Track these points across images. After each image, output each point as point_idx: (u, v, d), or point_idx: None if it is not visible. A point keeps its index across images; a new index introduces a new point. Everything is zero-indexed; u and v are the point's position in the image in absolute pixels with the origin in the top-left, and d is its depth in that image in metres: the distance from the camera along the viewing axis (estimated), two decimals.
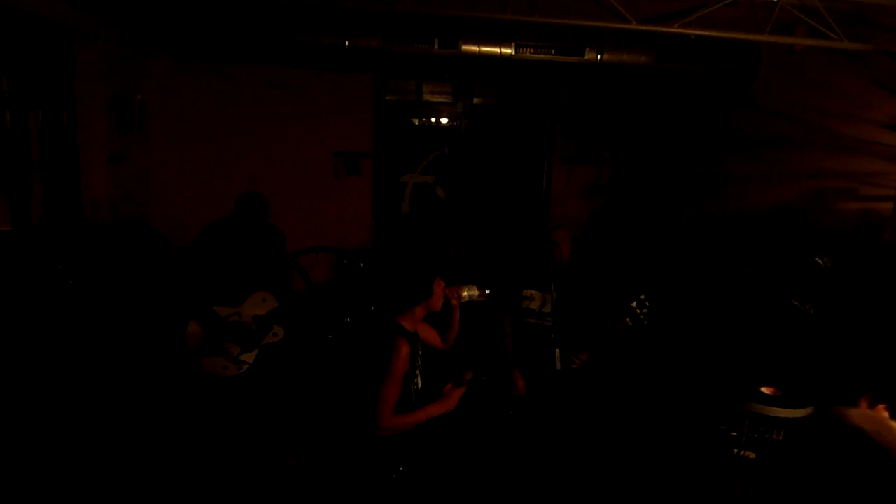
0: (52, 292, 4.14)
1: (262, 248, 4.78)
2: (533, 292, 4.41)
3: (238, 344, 4.43)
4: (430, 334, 3.56)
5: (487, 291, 3.65)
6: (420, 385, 3.35)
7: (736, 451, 3.52)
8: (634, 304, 3.95)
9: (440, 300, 3.41)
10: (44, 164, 4.86)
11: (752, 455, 3.49)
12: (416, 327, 3.35)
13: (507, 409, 4.25)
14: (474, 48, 5.25)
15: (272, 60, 6.39)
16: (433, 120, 7.22)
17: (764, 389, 4.01)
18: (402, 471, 3.21)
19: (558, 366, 3.87)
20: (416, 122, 7.22)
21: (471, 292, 3.63)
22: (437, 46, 5.20)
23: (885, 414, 2.95)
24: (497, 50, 5.27)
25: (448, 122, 7.22)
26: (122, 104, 5.55)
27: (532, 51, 5.26)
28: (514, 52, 5.27)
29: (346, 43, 5.16)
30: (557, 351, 3.90)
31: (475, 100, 7.22)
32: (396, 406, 3.10)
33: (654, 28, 4.17)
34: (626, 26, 4.09)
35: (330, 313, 5.39)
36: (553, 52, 5.26)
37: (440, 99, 7.21)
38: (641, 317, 3.93)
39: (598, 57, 5.27)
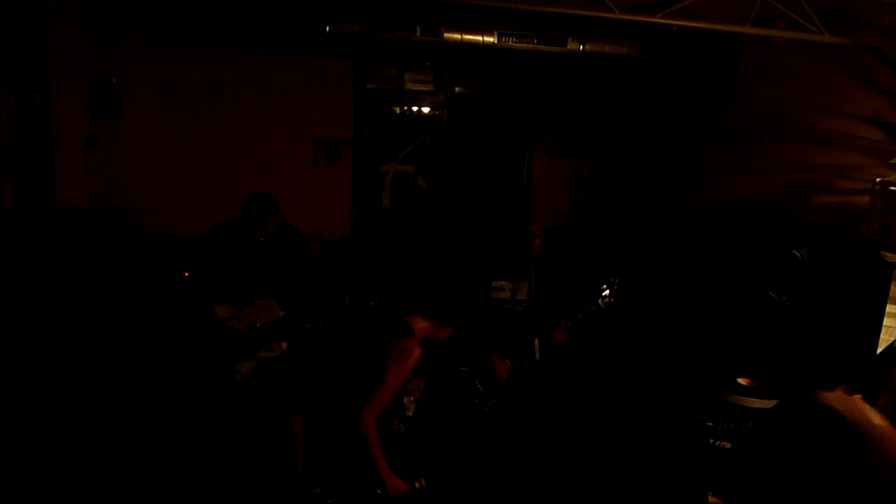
0: (22, 278, 4.04)
1: (268, 254, 4.69)
2: (503, 283, 4.45)
3: (230, 350, 4.26)
4: None
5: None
6: None
7: (712, 441, 3.54)
8: (604, 286, 4.03)
9: (443, 338, 3.38)
10: (16, 146, 4.75)
11: (728, 445, 3.52)
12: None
13: (486, 400, 4.24)
14: (456, 36, 5.21)
15: (251, 45, 6.28)
16: (415, 108, 7.17)
17: (740, 380, 4.04)
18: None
19: (537, 356, 3.89)
20: (398, 110, 7.16)
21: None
22: (418, 33, 5.16)
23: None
24: (479, 38, 5.23)
25: (430, 111, 7.18)
26: (98, 87, 5.44)
27: (514, 39, 5.22)
28: (496, 41, 5.23)
29: (327, 28, 5.10)
30: (537, 341, 3.92)
31: (457, 89, 7.17)
32: (391, 411, 3.07)
33: (637, 18, 4.17)
34: (609, 15, 4.08)
35: (309, 302, 5.33)
36: (535, 41, 5.23)
37: (422, 87, 7.15)
38: (611, 300, 4.02)
39: (581, 47, 5.26)
